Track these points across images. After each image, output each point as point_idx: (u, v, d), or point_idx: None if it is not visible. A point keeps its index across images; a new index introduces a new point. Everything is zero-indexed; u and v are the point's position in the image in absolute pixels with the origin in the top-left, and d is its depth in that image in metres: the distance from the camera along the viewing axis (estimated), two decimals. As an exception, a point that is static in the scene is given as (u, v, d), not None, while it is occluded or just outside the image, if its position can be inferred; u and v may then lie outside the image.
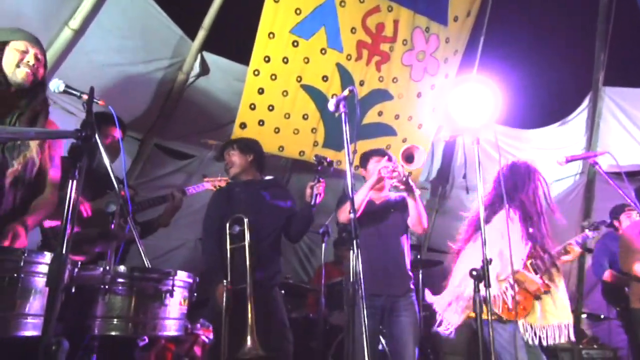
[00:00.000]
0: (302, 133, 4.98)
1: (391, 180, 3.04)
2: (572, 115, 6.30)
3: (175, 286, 1.97)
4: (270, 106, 4.75)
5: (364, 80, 5.14)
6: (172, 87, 4.68)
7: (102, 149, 2.13)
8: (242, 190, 3.14)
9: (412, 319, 2.98)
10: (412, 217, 3.11)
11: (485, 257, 2.13)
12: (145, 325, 1.92)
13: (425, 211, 3.18)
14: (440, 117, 5.57)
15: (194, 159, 5.03)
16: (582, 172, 6.34)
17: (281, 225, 3.15)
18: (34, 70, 2.02)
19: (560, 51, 5.95)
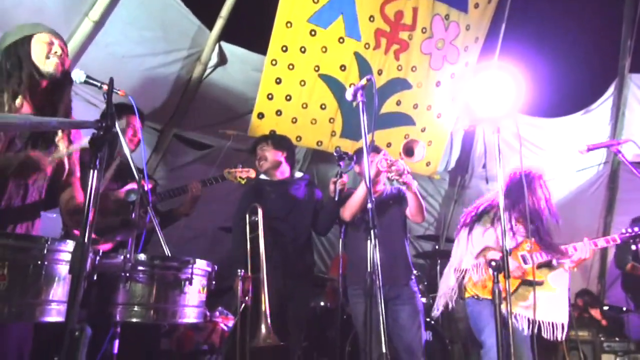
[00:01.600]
0: (320, 123, 4.97)
1: (389, 175, 3.04)
2: (596, 103, 6.15)
3: (194, 274, 2.00)
4: (287, 96, 4.75)
5: (382, 69, 5.10)
6: (191, 78, 4.71)
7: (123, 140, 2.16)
8: (273, 190, 3.21)
9: (416, 306, 3.04)
10: (411, 208, 3.14)
11: (505, 247, 2.11)
12: (165, 313, 1.95)
13: (443, 201, 3.21)
14: (459, 106, 5.49)
15: (213, 149, 5.06)
16: (606, 162, 6.20)
17: (311, 222, 3.24)
18: (62, 60, 2.05)
19: (584, 37, 5.79)
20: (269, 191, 3.19)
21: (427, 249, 6.07)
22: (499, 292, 2.07)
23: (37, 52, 2.00)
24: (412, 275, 3.16)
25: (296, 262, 3.11)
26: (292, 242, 3.10)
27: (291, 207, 3.17)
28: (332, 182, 3.08)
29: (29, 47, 2.00)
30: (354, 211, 3.09)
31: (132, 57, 4.29)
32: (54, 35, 2.07)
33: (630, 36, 5.90)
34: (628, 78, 6.03)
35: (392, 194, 3.30)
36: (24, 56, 1.97)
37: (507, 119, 2.50)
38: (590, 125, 6.11)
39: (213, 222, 5.07)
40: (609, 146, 3.11)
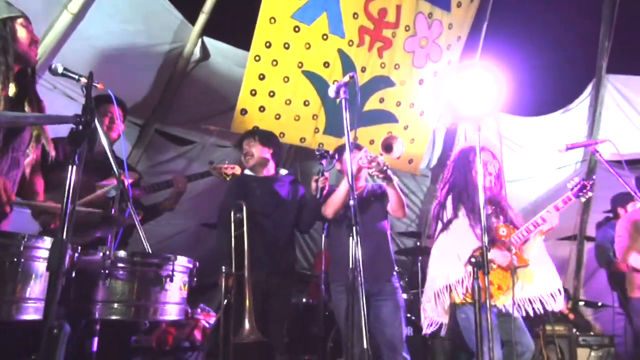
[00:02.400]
0: (303, 119, 4.96)
1: (370, 171, 3.06)
2: (574, 102, 6.25)
3: (176, 271, 1.99)
4: (271, 92, 4.73)
5: (366, 67, 5.11)
6: (173, 73, 4.66)
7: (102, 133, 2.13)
8: (258, 186, 3.20)
9: (397, 302, 3.06)
10: (392, 203, 3.16)
11: (485, 243, 2.14)
12: (146, 310, 1.94)
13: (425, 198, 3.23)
14: (442, 104, 5.54)
15: (196, 144, 5.02)
16: (583, 160, 6.32)
17: (295, 219, 3.25)
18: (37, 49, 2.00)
19: (565, 37, 5.89)
20: (255, 187, 3.19)
21: (409, 246, 6.10)
22: (478, 288, 2.10)
23: (22, 37, 1.93)
24: (395, 271, 3.19)
25: (280, 259, 3.12)
26: (276, 239, 3.11)
27: (276, 204, 3.18)
28: (314, 181, 3.09)
29: (14, 30, 1.92)
30: (336, 208, 3.10)
31: (113, 50, 4.22)
32: (28, 20, 2.01)
33: (608, 37, 6.00)
34: (605, 78, 6.14)
35: (373, 190, 3.32)
36: (9, 39, 1.89)
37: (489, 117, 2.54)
38: (569, 124, 6.22)
39: (196, 219, 5.03)
40: (588, 145, 3.18)
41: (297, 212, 3.25)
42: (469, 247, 2.60)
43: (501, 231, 2.81)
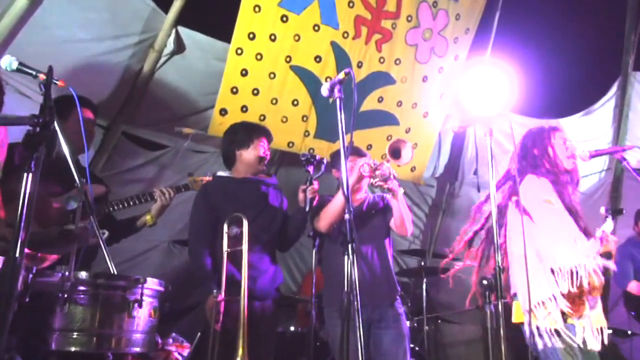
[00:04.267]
0: (292, 121, 4.98)
1: (372, 180, 3.07)
2: (597, 104, 6.33)
3: (145, 295, 1.98)
4: (255, 90, 4.74)
5: (363, 62, 5.15)
6: (143, 67, 4.65)
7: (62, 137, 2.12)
8: (240, 187, 3.17)
9: (401, 330, 3.06)
10: (396, 219, 3.17)
11: (498, 264, 2.15)
12: (110, 340, 1.92)
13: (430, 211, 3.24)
14: (448, 104, 5.59)
15: (168, 149, 5.01)
16: (608, 169, 6.40)
17: (279, 227, 3.20)
18: None
19: (585, 31, 5.97)
20: (234, 189, 3.15)
21: (412, 265, 6.13)
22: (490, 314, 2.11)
23: None
24: (398, 295, 3.19)
25: (269, 271, 3.10)
26: (260, 249, 3.05)
27: (262, 208, 3.15)
28: (302, 191, 3.07)
29: None
30: (330, 221, 3.10)
31: (75, 42, 4.21)
32: None
33: (634, 30, 6.10)
34: (632, 76, 6.23)
35: (375, 203, 3.33)
36: None
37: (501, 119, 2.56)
38: (591, 128, 6.29)
39: (166, 235, 5.01)
40: (613, 153, 3.22)
41: (281, 223, 3.23)
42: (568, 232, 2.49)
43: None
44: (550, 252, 2.46)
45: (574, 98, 6.34)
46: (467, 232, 2.90)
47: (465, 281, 3.09)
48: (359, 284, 2.87)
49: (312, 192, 3.05)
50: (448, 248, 3.09)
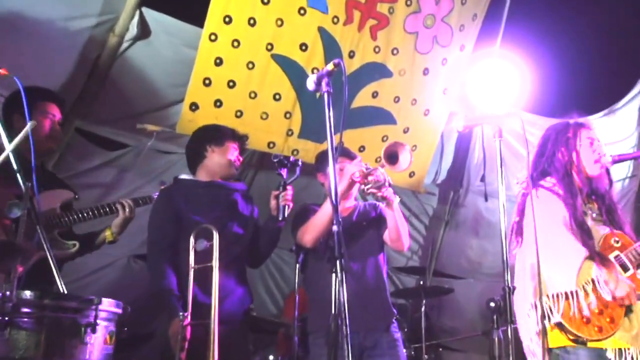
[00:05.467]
0: (273, 118, 4.98)
1: (364, 187, 3.08)
2: (621, 102, 6.42)
3: (100, 318, 1.96)
4: (230, 82, 4.74)
5: (355, 51, 5.16)
6: (101, 54, 4.63)
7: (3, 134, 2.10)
8: (206, 193, 3.15)
9: (398, 358, 3.07)
10: (391, 231, 3.19)
11: (507, 284, 2.17)
12: (58, 371, 1.90)
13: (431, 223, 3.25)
14: (453, 101, 5.62)
15: (129, 149, 4.99)
16: (632, 176, 6.48)
17: (250, 240, 3.20)
18: None
19: (606, 20, 6.04)
20: (200, 194, 3.14)
21: (410, 285, 6.15)
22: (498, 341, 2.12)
23: None
24: (394, 319, 3.20)
25: (238, 290, 3.10)
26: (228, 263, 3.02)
27: (230, 217, 3.15)
28: (273, 197, 3.07)
29: None
30: (316, 235, 3.10)
31: (21, 24, 4.18)
32: None
33: (663, 20, 6.21)
34: (660, 72, 6.34)
35: (366, 212, 3.34)
36: None
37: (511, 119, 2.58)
38: (613, 129, 6.35)
39: (125, 248, 4.98)
40: (637, 158, 3.26)
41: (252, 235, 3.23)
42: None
43: (613, 241, 2.78)
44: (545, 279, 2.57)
45: (594, 95, 6.41)
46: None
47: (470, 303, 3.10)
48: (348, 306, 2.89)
49: (285, 199, 3.05)
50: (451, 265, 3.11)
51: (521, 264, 2.77)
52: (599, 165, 2.87)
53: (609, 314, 2.59)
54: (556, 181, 2.83)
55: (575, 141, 2.88)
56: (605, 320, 2.58)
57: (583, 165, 2.86)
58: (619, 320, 2.59)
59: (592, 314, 2.57)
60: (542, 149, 2.95)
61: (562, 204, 2.75)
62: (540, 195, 2.76)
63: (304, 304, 4.51)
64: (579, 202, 2.76)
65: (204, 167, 3.23)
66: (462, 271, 6.45)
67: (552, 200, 2.76)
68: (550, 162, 2.89)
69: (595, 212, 2.87)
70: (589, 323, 2.56)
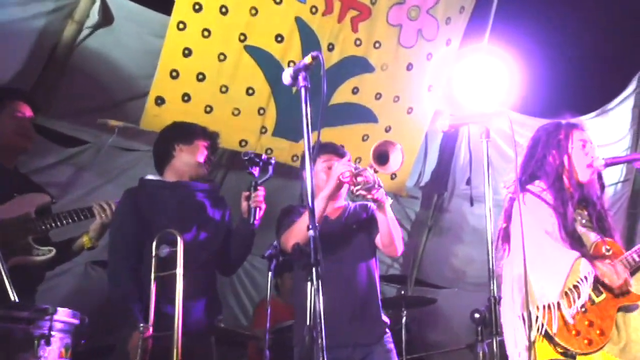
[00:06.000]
0: (245, 114, 4.97)
1: (353, 188, 3.06)
2: (613, 102, 6.51)
3: (54, 329, 1.94)
4: (200, 74, 4.72)
5: (335, 44, 5.18)
6: (58, 43, 4.58)
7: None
8: (173, 194, 3.14)
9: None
10: (383, 235, 3.19)
11: (493, 293, 2.19)
12: (8, 386, 1.88)
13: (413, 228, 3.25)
14: (438, 98, 5.67)
15: (88, 146, 4.95)
16: (625, 180, 6.57)
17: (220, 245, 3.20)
18: None
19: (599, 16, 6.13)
20: (167, 196, 3.13)
21: (390, 295, 6.17)
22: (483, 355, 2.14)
23: None
24: (386, 328, 3.20)
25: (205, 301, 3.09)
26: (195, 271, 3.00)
27: (199, 221, 3.15)
28: (244, 198, 3.07)
29: None
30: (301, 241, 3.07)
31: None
32: None
33: (658, 17, 6.32)
34: (655, 70, 6.44)
35: (356, 213, 3.32)
36: None
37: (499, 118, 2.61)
38: (606, 130, 6.43)
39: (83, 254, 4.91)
40: (632, 161, 3.32)
41: (224, 240, 3.22)
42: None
43: (604, 249, 2.82)
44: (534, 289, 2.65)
45: (586, 95, 6.50)
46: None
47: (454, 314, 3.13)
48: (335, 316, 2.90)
49: (256, 200, 3.05)
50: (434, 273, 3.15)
51: (508, 274, 2.80)
52: (591, 170, 2.91)
53: (599, 326, 2.65)
54: (546, 186, 2.87)
55: (567, 143, 2.93)
56: (595, 332, 2.63)
57: (575, 169, 2.90)
58: (609, 332, 2.64)
59: (582, 326, 2.62)
60: (532, 151, 2.99)
61: (551, 211, 2.80)
62: (527, 201, 2.80)
63: (276, 314, 4.51)
64: (570, 210, 2.81)
65: (171, 167, 3.21)
66: (446, 280, 6.50)
67: (540, 207, 2.81)
68: (541, 166, 2.93)
69: (585, 219, 2.92)
70: (578, 335, 2.61)
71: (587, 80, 6.45)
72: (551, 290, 2.65)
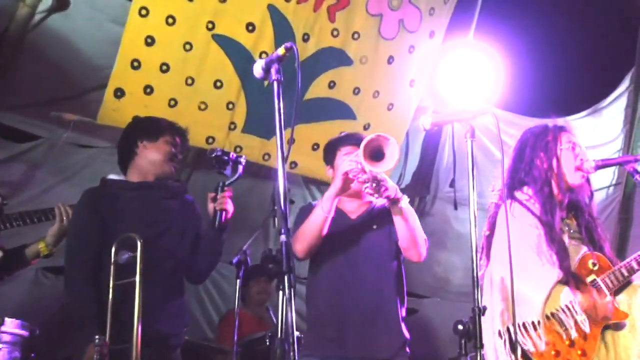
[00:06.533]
0: (213, 109, 4.95)
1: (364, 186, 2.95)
2: (605, 101, 6.60)
3: (1, 342, 1.92)
4: (163, 65, 4.69)
5: (310, 34, 5.18)
6: (9, 27, 4.53)
7: None
8: (137, 196, 3.12)
9: None
10: (401, 238, 3.11)
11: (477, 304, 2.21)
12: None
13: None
14: (420, 94, 5.69)
15: (40, 141, 4.91)
16: (616, 184, 6.66)
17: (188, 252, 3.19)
18: None
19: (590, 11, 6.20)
20: (130, 198, 3.10)
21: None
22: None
23: None
24: (406, 342, 3.12)
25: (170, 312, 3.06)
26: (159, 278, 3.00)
27: (166, 225, 3.13)
28: (210, 199, 3.06)
29: None
30: (307, 245, 3.06)
31: None
32: None
33: (653, 11, 6.41)
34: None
35: (380, 214, 3.24)
36: None
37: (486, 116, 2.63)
38: (598, 130, 6.53)
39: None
40: (624, 163, 3.37)
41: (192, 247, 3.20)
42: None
43: (591, 263, 2.85)
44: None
45: (576, 93, 6.55)
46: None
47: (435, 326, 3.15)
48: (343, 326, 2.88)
49: (222, 202, 3.03)
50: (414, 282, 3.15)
51: (487, 285, 2.82)
52: (581, 174, 2.95)
53: (580, 347, 2.68)
54: (533, 193, 2.90)
55: (555, 146, 2.96)
56: (576, 353, 2.67)
57: (564, 172, 2.94)
58: (592, 354, 2.68)
59: (562, 346, 2.66)
60: (519, 154, 3.02)
61: (537, 222, 2.84)
62: (513, 211, 2.83)
63: (244, 326, 4.49)
64: (557, 220, 2.85)
65: (135, 165, 3.18)
66: (427, 289, 6.52)
67: (525, 218, 2.84)
68: (529, 170, 2.96)
69: (574, 229, 2.96)
70: (558, 356, 2.64)
71: (577, 77, 6.49)
72: (528, 309, 2.67)
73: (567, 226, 2.94)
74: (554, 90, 6.32)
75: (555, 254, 2.77)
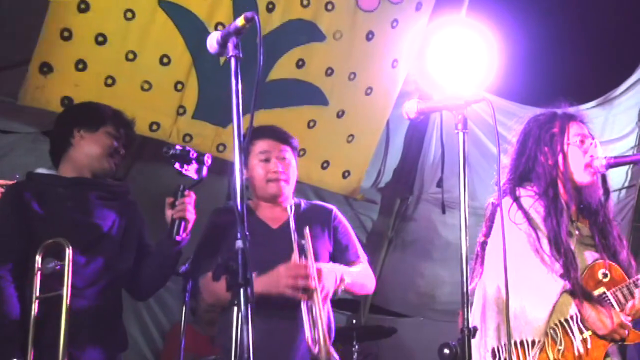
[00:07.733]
0: (158, 89, 4.92)
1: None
2: (619, 89, 6.67)
3: None
4: (99, 36, 4.64)
5: (276, 3, 5.17)
6: None
7: None
8: (69, 194, 3.12)
9: None
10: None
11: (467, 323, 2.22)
12: None
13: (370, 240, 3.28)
14: (404, 77, 5.71)
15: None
16: (630, 186, 6.76)
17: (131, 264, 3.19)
18: None
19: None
20: (61, 196, 3.11)
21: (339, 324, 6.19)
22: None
23: None
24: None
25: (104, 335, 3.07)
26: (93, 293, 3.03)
27: (103, 231, 3.13)
28: (168, 205, 3.06)
29: None
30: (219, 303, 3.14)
31: None
32: None
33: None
34: (667, 52, 6.64)
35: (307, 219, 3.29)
36: None
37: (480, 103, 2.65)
38: (609, 123, 6.60)
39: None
40: (638, 162, 3.41)
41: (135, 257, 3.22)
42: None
43: (601, 274, 2.90)
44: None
45: (582, 80, 6.60)
46: None
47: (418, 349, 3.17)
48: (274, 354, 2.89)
49: (182, 209, 3.02)
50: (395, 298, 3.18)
51: (479, 298, 2.86)
52: (591, 171, 2.99)
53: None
54: (537, 192, 2.93)
55: (562, 139, 2.99)
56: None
57: (571, 171, 2.98)
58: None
59: None
60: (521, 146, 3.06)
61: (541, 225, 2.88)
62: (513, 212, 2.86)
63: (192, 344, 4.48)
64: (564, 223, 2.88)
65: (69, 158, 3.19)
66: (409, 307, 6.56)
67: (526, 220, 2.89)
68: (532, 167, 3.00)
69: (585, 233, 3.00)
70: None
71: (586, 62, 6.55)
72: (529, 327, 2.73)
73: (578, 230, 2.97)
74: (557, 76, 6.36)
75: (560, 262, 2.80)
